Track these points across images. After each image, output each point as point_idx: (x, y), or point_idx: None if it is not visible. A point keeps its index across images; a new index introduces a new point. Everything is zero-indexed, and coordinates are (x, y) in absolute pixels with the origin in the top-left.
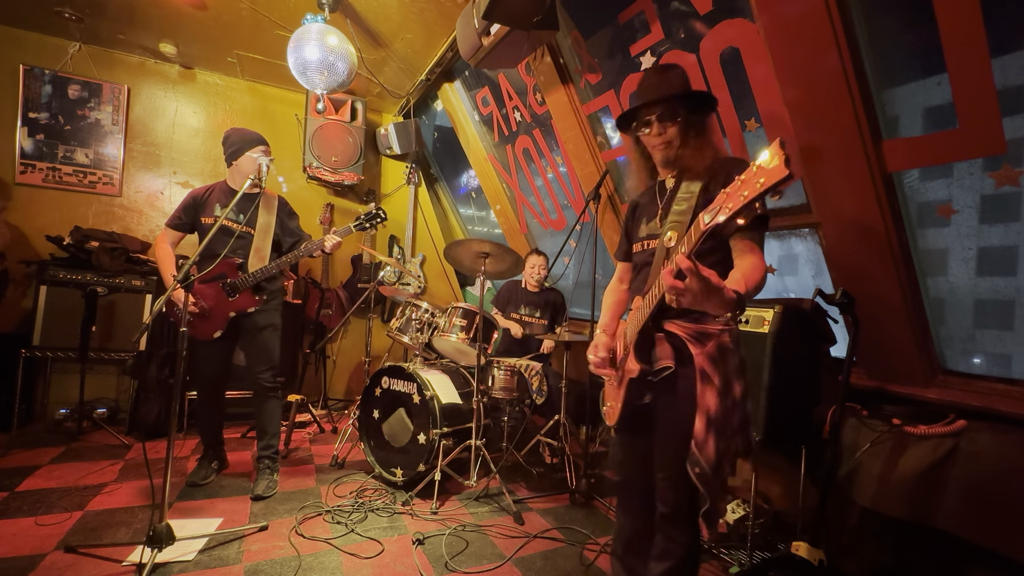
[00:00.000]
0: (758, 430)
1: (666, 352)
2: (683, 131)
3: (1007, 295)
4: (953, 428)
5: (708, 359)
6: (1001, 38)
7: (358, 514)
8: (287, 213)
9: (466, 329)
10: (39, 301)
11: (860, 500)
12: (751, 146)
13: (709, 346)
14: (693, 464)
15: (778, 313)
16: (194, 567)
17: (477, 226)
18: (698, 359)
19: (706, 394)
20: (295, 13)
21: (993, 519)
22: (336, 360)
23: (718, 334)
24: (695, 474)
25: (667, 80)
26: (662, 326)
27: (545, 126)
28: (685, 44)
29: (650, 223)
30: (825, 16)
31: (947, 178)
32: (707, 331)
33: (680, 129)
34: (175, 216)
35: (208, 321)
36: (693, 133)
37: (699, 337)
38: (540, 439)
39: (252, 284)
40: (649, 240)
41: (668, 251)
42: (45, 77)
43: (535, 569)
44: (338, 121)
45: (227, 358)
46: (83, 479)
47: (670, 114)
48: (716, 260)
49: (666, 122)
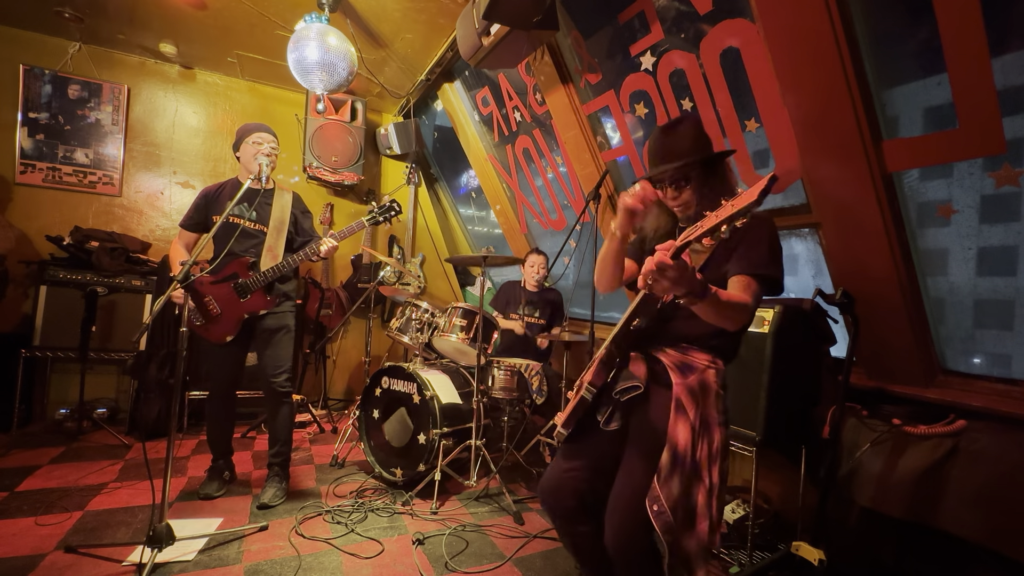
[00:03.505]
0: (758, 430)
1: (640, 372)
2: (698, 191)
3: (1007, 295)
4: (953, 428)
5: (687, 390)
6: (1001, 38)
7: (358, 514)
8: (301, 211)
9: (466, 329)
10: (39, 301)
11: (860, 500)
12: (751, 146)
13: (691, 378)
14: (652, 501)
15: (778, 313)
16: (194, 567)
17: (477, 226)
18: (677, 388)
19: (678, 427)
20: (295, 13)
21: (993, 519)
22: (336, 360)
23: (703, 369)
24: (652, 512)
25: (675, 143)
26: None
27: (545, 126)
28: (685, 44)
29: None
30: (825, 16)
31: (947, 178)
32: (692, 364)
33: (695, 188)
34: (187, 216)
35: (219, 324)
36: (708, 191)
37: (682, 368)
38: (540, 439)
39: (264, 284)
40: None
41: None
42: (45, 77)
43: (535, 569)
44: (338, 121)
45: (239, 361)
46: (83, 479)
47: (683, 177)
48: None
49: (680, 184)
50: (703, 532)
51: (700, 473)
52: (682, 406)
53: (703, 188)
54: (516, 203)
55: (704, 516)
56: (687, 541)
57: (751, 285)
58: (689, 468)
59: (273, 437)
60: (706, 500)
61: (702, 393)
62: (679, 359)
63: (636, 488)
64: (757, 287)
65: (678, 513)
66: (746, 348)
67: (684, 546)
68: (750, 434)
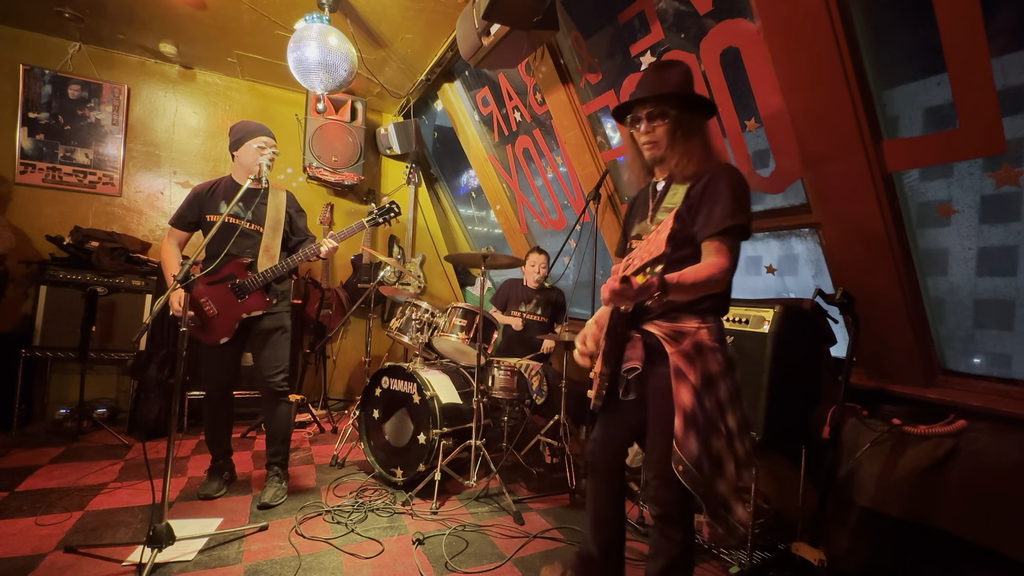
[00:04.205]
0: (758, 430)
1: (637, 354)
2: (671, 132)
3: (1007, 295)
4: (953, 428)
5: (683, 356)
6: (1001, 38)
7: (358, 514)
8: (296, 210)
9: (466, 329)
10: (39, 301)
11: (860, 500)
12: (751, 146)
13: (684, 343)
14: (676, 462)
15: (778, 313)
16: (194, 567)
17: (477, 226)
18: (673, 358)
19: (681, 391)
20: (295, 13)
21: (993, 519)
22: (336, 360)
23: (694, 332)
24: (679, 472)
25: (664, 78)
26: (640, 327)
27: (545, 126)
28: (685, 44)
29: (641, 223)
30: (825, 16)
31: (947, 178)
32: (682, 330)
33: (668, 130)
34: (178, 215)
35: (216, 325)
36: (681, 135)
37: (675, 336)
38: (540, 439)
39: (262, 285)
40: (638, 240)
41: None
42: (45, 77)
43: (535, 569)
44: (338, 121)
45: (235, 362)
46: (83, 479)
47: (660, 113)
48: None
49: (655, 121)
50: (731, 473)
51: (715, 424)
52: (681, 372)
53: (676, 131)
54: (516, 203)
55: (729, 458)
56: (719, 486)
57: (721, 247)
58: (703, 424)
59: (271, 436)
60: (727, 445)
61: (698, 353)
62: (670, 328)
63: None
64: (728, 243)
65: (703, 467)
66: (746, 348)
67: (718, 491)
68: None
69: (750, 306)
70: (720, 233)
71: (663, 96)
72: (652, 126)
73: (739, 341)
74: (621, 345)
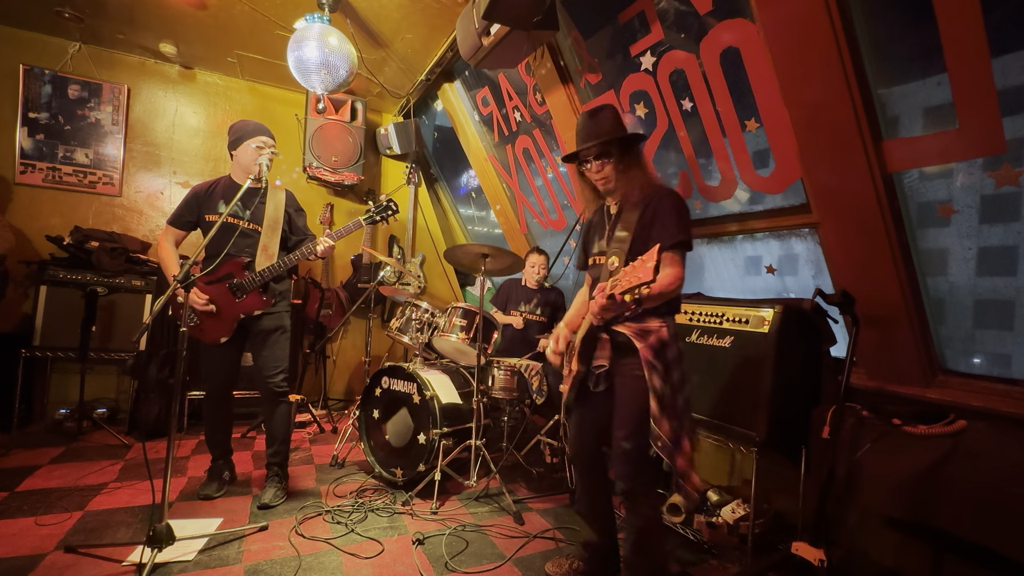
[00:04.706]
0: (758, 430)
1: (605, 353)
2: (616, 167)
3: (1007, 295)
4: (953, 428)
5: (651, 350)
6: (1001, 38)
7: (358, 514)
8: (295, 209)
9: (466, 329)
10: (39, 301)
11: (860, 500)
12: (751, 146)
13: (651, 339)
14: (655, 439)
15: (778, 313)
16: (194, 567)
17: (477, 226)
18: (643, 351)
19: (654, 378)
20: (295, 13)
21: (993, 519)
22: (336, 360)
23: (657, 329)
24: (658, 447)
25: (599, 124)
26: (611, 328)
27: (545, 126)
28: (685, 44)
29: (600, 241)
30: (825, 16)
31: (947, 178)
32: (648, 328)
33: (614, 166)
34: (177, 213)
35: (214, 325)
36: (623, 168)
37: (642, 334)
38: (540, 439)
39: (260, 284)
40: (599, 256)
41: (610, 273)
42: (45, 77)
43: (535, 569)
44: (338, 121)
45: (235, 362)
46: (83, 479)
47: (604, 153)
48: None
49: (602, 159)
50: (686, 447)
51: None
52: (651, 363)
53: (620, 164)
54: (516, 203)
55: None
56: (678, 459)
57: (675, 258)
58: (669, 405)
59: (271, 436)
60: (680, 422)
61: (661, 348)
62: (637, 328)
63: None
64: (680, 255)
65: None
66: (746, 348)
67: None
68: (750, 434)
69: (750, 306)
70: (672, 247)
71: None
72: (600, 164)
73: (739, 341)
74: (593, 346)
